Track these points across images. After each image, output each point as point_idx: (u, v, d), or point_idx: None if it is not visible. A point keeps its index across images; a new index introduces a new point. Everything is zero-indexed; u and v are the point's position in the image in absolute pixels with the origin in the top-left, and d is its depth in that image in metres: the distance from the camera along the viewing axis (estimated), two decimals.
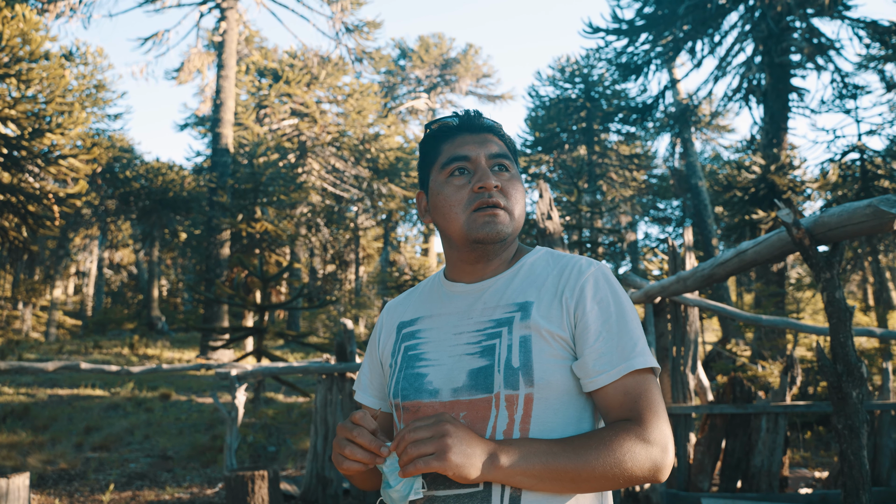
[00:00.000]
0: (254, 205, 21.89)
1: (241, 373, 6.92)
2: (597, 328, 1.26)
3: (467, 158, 1.37)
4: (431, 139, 1.45)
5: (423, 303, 1.47)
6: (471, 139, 1.40)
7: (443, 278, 1.48)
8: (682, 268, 6.11)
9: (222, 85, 21.42)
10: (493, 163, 1.38)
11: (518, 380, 1.22)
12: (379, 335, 1.52)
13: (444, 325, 1.38)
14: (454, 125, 1.43)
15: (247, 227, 21.26)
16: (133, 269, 42.42)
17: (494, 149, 1.39)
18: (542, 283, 1.34)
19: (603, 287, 1.30)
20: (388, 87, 42.25)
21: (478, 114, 1.44)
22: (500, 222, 1.34)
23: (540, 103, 30.17)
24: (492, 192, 1.34)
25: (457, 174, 1.37)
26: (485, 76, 43.51)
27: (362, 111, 29.50)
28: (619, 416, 1.22)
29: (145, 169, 28.18)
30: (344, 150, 29.85)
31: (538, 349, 1.25)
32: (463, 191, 1.36)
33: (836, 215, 2.90)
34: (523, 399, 1.22)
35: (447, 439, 1.12)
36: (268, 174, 22.34)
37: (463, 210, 1.35)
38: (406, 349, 1.40)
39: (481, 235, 1.34)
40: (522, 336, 1.27)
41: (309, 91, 29.25)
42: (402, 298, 1.55)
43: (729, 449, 5.64)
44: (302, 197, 26.06)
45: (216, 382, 14.32)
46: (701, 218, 22.40)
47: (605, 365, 1.23)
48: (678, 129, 22.74)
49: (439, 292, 1.46)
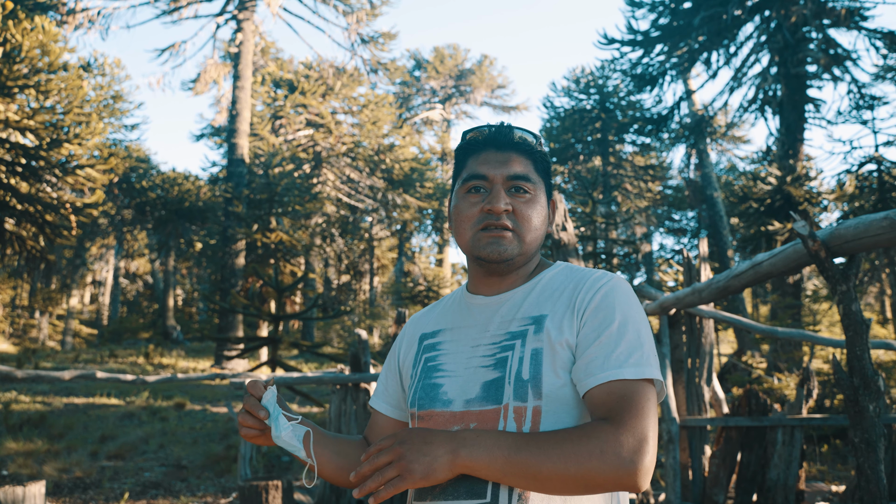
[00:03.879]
0: (269, 215, 22.00)
1: None
2: (596, 334, 1.25)
3: (484, 178, 1.38)
4: (462, 150, 1.46)
5: (445, 315, 1.49)
6: (493, 157, 1.40)
7: (465, 291, 1.49)
8: (697, 279, 6.08)
9: (238, 95, 21.57)
10: (511, 184, 1.38)
11: (527, 392, 1.23)
12: (400, 346, 1.54)
13: (463, 338, 1.39)
14: (482, 139, 1.43)
15: (262, 237, 21.36)
16: (149, 279, 42.66)
17: (516, 169, 1.38)
18: (557, 296, 1.35)
19: (613, 296, 1.30)
20: (403, 98, 42.37)
21: (508, 129, 1.43)
22: (504, 243, 1.35)
23: (555, 114, 30.16)
24: (500, 215, 1.35)
25: (473, 192, 1.39)
26: (500, 87, 43.54)
27: (377, 122, 29.60)
28: (599, 416, 1.20)
29: (161, 179, 28.36)
30: (359, 160, 29.95)
31: (549, 361, 1.25)
32: (475, 208, 1.37)
33: (852, 227, 2.89)
34: (531, 411, 1.23)
35: (404, 459, 1.13)
36: (283, 184, 22.45)
37: (471, 227, 1.37)
38: (426, 360, 1.42)
39: (483, 255, 1.36)
40: (534, 349, 1.27)
41: (324, 102, 29.41)
42: (427, 311, 1.57)
43: (744, 462, 5.60)
44: (317, 207, 26.17)
45: (231, 392, 14.35)
46: (716, 229, 22.29)
47: (595, 369, 1.22)
48: (693, 139, 22.67)
49: (461, 305, 1.47)
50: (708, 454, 5.86)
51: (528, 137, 1.43)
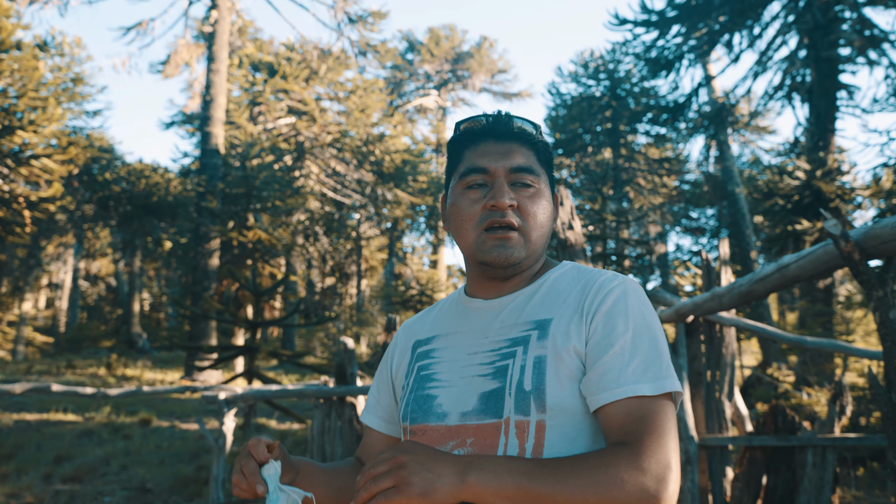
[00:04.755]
0: (246, 211, 21.96)
1: (230, 396, 6.92)
2: (609, 342, 1.25)
3: (485, 171, 1.38)
4: (456, 142, 1.46)
5: (441, 320, 1.49)
6: (494, 148, 1.40)
7: (463, 294, 1.49)
8: (717, 283, 6.08)
9: (212, 79, 21.53)
10: (514, 178, 1.38)
11: (529, 404, 1.23)
12: (393, 354, 1.55)
13: (460, 345, 1.40)
14: (479, 129, 1.43)
15: (238, 235, 21.32)
16: (112, 281, 42.55)
17: (518, 160, 1.39)
18: (563, 299, 1.35)
19: (625, 301, 1.30)
20: (394, 84, 42.40)
21: (507, 117, 1.43)
22: (511, 245, 1.35)
23: (560, 102, 30.19)
24: (505, 211, 1.35)
25: (473, 187, 1.39)
26: (500, 72, 43.61)
27: (366, 109, 29.61)
28: (616, 439, 1.19)
29: (127, 171, 28.31)
30: (345, 151, 29.95)
31: (553, 371, 1.25)
32: (476, 206, 1.38)
33: (889, 226, 2.87)
34: (535, 426, 1.23)
35: (403, 470, 1.10)
36: (262, 178, 22.41)
37: (474, 227, 1.37)
38: (419, 369, 1.43)
39: (489, 259, 1.36)
40: (537, 356, 1.27)
41: (307, 87, 29.40)
42: (421, 316, 1.58)
43: (770, 486, 5.59)
44: (299, 203, 26.12)
45: (202, 407, 14.31)
46: (738, 228, 22.31)
47: (610, 382, 1.21)
48: (713, 130, 22.68)
49: (458, 309, 1.47)
50: (730, 477, 5.85)
51: (528, 127, 1.44)
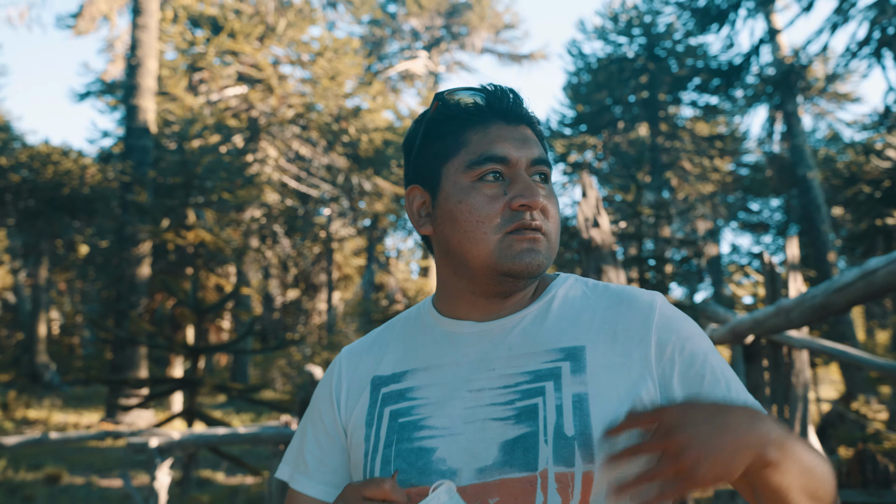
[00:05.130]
0: (185, 206, 21.92)
1: (165, 443, 6.89)
2: (698, 372, 1.30)
3: (506, 161, 1.38)
4: (451, 121, 1.45)
5: (407, 349, 1.49)
6: (508, 133, 1.41)
7: (433, 313, 1.50)
8: (783, 294, 6.06)
9: (139, 38, 21.49)
10: (535, 170, 1.40)
11: (573, 453, 1.23)
12: (336, 394, 1.52)
13: (451, 380, 1.38)
14: (483, 106, 1.43)
15: (175, 236, 21.28)
16: (9, 297, 42.43)
17: (537, 151, 1.41)
18: (589, 320, 1.37)
19: (673, 313, 1.37)
20: (372, 44, 42.39)
21: (517, 96, 1.45)
22: (540, 250, 1.36)
23: (584, 65, 30.25)
24: (535, 212, 1.36)
25: (490, 179, 1.38)
26: (507, 27, 43.66)
27: (337, 76, 29.61)
28: None
29: (28, 155, 28.16)
30: (311, 130, 29.96)
31: (600, 410, 1.26)
32: (496, 203, 1.37)
33: None
34: (581, 479, 1.22)
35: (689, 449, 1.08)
36: (204, 163, 22.38)
37: (495, 230, 1.36)
38: (393, 415, 1.40)
39: (518, 268, 1.35)
40: (577, 394, 1.28)
41: (262, 48, 29.38)
42: (369, 343, 1.57)
43: None
44: (253, 195, 26.08)
45: (128, 457, 14.22)
46: (812, 223, 22.33)
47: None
48: (779, 98, 22.72)
49: (432, 333, 1.47)
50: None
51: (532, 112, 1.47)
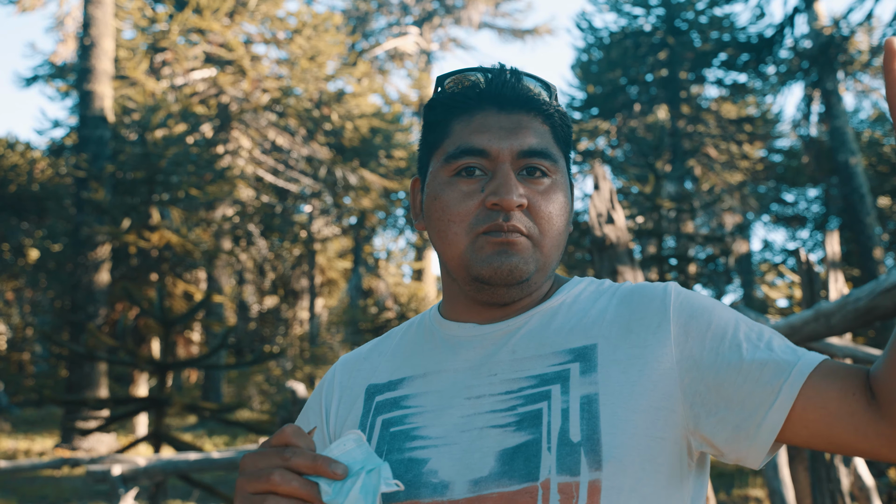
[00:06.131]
0: (148, 204, 21.94)
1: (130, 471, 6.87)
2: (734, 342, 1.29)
3: (484, 154, 1.40)
4: (441, 107, 1.47)
5: (406, 356, 1.51)
6: (496, 121, 1.41)
7: (437, 318, 1.52)
8: (822, 297, 6.04)
9: (93, 14, 21.46)
10: (525, 163, 1.40)
11: (579, 460, 1.23)
12: (326, 405, 1.56)
13: (449, 388, 1.40)
14: (474, 91, 1.44)
15: (137, 238, 21.28)
16: None
17: (530, 140, 1.40)
18: (599, 317, 1.38)
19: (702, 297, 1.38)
20: (357, 19, 42.38)
21: (515, 75, 1.45)
22: (516, 253, 1.36)
23: (595, 40, 30.30)
24: (511, 213, 1.36)
25: (464, 175, 1.40)
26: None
27: (317, 56, 29.60)
28: (851, 384, 1.24)
29: None
30: (289, 117, 29.97)
31: (610, 412, 1.27)
32: (471, 200, 1.39)
33: None
34: (587, 489, 1.22)
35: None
36: (169, 156, 22.37)
37: (467, 230, 1.39)
38: (385, 424, 1.42)
39: (486, 273, 1.37)
40: (585, 396, 1.29)
41: (233, 25, 29.35)
42: (368, 351, 1.60)
43: None
44: (224, 191, 26.09)
45: (87, 487, 14.24)
46: (855, 216, 22.35)
47: (777, 371, 1.25)
48: (816, 75, 22.74)
49: (433, 339, 1.49)
50: None
51: (541, 90, 1.46)
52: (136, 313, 20.22)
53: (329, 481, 1.10)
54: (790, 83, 24.27)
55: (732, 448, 1.26)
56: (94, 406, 13.77)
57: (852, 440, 1.21)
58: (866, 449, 1.21)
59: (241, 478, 1.17)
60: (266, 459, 1.13)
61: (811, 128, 26.55)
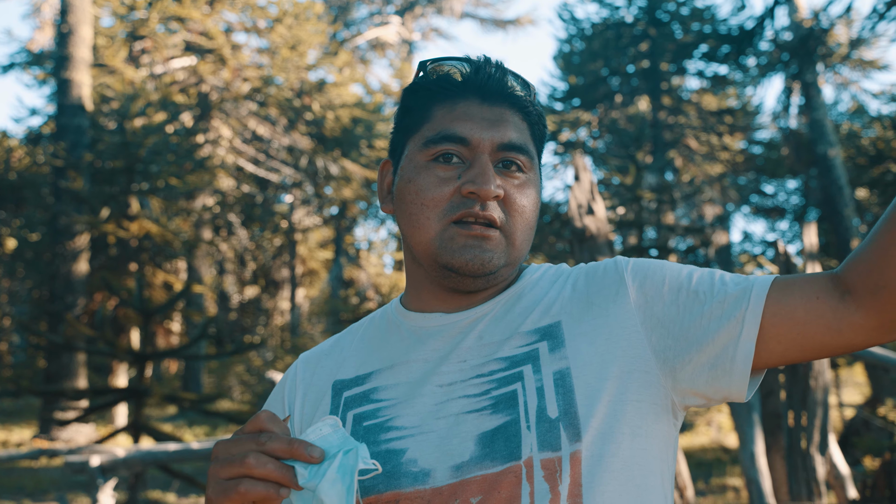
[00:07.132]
0: (127, 194, 21.83)
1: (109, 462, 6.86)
2: (686, 284, 1.35)
3: (465, 142, 1.41)
4: (421, 92, 1.49)
5: (371, 350, 1.53)
6: (479, 112, 1.43)
7: (400, 310, 1.54)
8: None
9: (71, 2, 21.33)
10: (503, 156, 1.42)
11: (559, 435, 1.26)
12: (290, 404, 1.55)
13: (418, 377, 1.41)
14: (459, 80, 1.46)
15: (116, 228, 21.19)
16: None
17: (511, 135, 1.42)
18: (559, 296, 1.42)
19: (654, 260, 1.42)
20: (338, 8, 42.22)
21: (500, 69, 1.47)
22: (489, 248, 1.39)
23: (577, 31, 30.21)
24: (487, 203, 1.38)
25: (442, 161, 1.41)
26: None
27: (298, 45, 29.49)
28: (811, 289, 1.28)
29: None
30: (270, 106, 29.85)
31: (584, 383, 1.29)
32: (446, 187, 1.40)
33: None
34: (569, 461, 1.25)
35: None
36: (149, 145, 22.27)
37: (439, 217, 1.40)
38: (358, 419, 1.42)
39: (457, 264, 1.39)
40: (558, 371, 1.31)
41: (213, 13, 29.24)
42: (330, 346, 1.60)
43: None
44: (204, 181, 26.00)
45: (66, 478, 14.21)
46: (833, 207, 22.40)
47: (736, 300, 1.30)
48: (796, 67, 22.77)
49: (399, 331, 1.52)
50: None
51: (521, 88, 1.49)
52: (115, 303, 20.13)
53: (305, 465, 1.11)
54: (770, 75, 24.27)
55: (715, 388, 1.30)
56: (73, 396, 13.71)
57: (826, 339, 1.25)
58: (841, 343, 1.25)
59: (213, 465, 1.16)
60: (240, 445, 1.13)
61: (791, 120, 26.57)
